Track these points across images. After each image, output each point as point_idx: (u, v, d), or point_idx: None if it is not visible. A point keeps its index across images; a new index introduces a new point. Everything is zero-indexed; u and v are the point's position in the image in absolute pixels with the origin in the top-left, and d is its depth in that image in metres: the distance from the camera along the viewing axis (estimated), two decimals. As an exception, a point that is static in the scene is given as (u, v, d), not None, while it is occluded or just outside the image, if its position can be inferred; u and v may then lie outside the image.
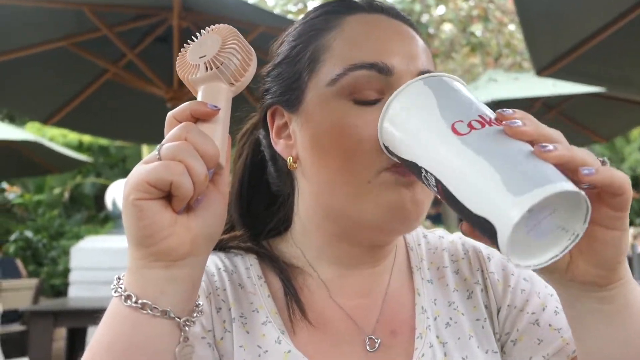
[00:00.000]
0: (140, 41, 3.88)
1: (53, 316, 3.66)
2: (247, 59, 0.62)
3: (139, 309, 0.54)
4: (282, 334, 0.72)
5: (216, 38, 0.62)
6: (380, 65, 0.68)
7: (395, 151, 0.63)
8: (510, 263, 0.54)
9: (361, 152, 0.68)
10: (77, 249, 5.17)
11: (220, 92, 0.60)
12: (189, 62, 0.62)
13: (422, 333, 0.75)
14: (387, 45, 0.71)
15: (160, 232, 0.53)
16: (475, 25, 11.42)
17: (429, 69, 0.72)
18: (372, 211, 0.69)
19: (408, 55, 0.71)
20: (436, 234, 0.88)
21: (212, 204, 0.57)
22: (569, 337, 0.75)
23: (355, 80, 0.69)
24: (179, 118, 0.58)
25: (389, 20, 0.75)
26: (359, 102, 0.69)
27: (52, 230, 9.58)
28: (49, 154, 6.50)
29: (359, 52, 0.70)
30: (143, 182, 0.52)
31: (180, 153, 0.53)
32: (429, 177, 0.58)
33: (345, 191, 0.70)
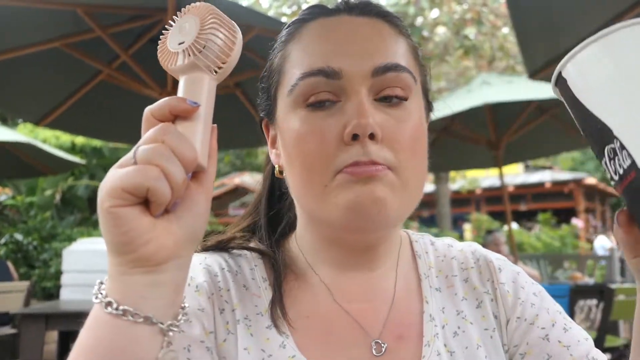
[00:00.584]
0: (134, 42, 3.86)
1: (44, 319, 3.63)
2: (230, 39, 0.58)
3: (120, 316, 0.52)
4: (287, 339, 0.71)
5: (194, 19, 0.58)
6: (327, 70, 0.69)
7: (579, 95, 0.51)
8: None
9: (317, 157, 0.69)
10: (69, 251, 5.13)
11: (202, 84, 0.57)
12: (169, 50, 0.59)
13: (429, 341, 0.74)
14: (336, 48, 0.71)
15: (138, 239, 0.51)
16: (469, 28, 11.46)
17: (392, 62, 0.70)
18: (334, 212, 0.70)
19: (360, 53, 0.70)
20: (445, 242, 0.87)
21: (194, 204, 0.55)
22: (578, 355, 0.76)
23: (307, 88, 0.70)
24: (157, 116, 0.56)
25: (349, 20, 0.74)
26: (313, 108, 0.70)
27: (44, 232, 9.51)
28: (41, 156, 6.46)
29: (309, 59, 0.71)
30: (118, 188, 0.50)
31: (156, 157, 0.51)
32: (621, 156, 0.48)
33: (309, 196, 0.72)
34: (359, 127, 0.67)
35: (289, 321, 0.73)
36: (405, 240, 0.86)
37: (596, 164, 19.75)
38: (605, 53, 0.49)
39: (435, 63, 12.22)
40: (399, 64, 0.71)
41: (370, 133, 0.67)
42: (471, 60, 12.45)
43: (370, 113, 0.68)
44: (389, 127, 0.69)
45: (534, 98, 4.87)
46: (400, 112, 0.71)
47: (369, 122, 0.67)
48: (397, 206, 0.70)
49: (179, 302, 0.57)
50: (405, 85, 0.71)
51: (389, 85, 0.70)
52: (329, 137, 0.68)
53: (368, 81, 0.70)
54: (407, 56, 0.74)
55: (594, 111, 0.49)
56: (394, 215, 0.71)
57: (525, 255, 8.83)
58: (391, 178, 0.69)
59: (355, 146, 0.68)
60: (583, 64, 0.50)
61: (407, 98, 0.71)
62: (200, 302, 0.71)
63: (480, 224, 13.97)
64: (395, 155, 0.69)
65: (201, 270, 0.75)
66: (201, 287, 0.72)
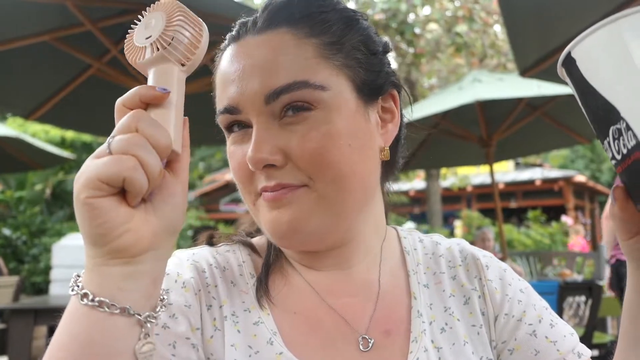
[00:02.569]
0: (124, 37, 3.83)
1: (33, 314, 3.61)
2: (197, 34, 0.59)
3: (96, 307, 0.52)
4: (274, 335, 0.72)
5: (160, 15, 0.58)
6: (229, 108, 0.73)
7: (588, 76, 0.53)
8: None
9: (239, 178, 0.74)
10: (59, 246, 5.11)
11: (171, 74, 0.57)
12: (136, 45, 0.59)
13: (417, 337, 0.75)
14: (233, 83, 0.72)
15: (115, 230, 0.51)
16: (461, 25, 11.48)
17: (283, 84, 0.69)
18: (265, 229, 0.74)
19: (253, 85, 0.70)
20: (433, 239, 0.88)
21: (170, 194, 0.55)
22: (564, 350, 0.77)
23: (222, 122, 0.75)
24: (128, 105, 0.56)
25: (249, 42, 0.73)
26: (233, 134, 0.74)
27: (33, 227, 9.46)
28: (30, 150, 6.42)
29: (220, 96, 0.75)
30: (94, 179, 0.50)
31: (132, 146, 0.51)
32: (626, 137, 0.49)
33: (251, 214, 0.77)
34: (251, 162, 0.69)
35: (270, 300, 0.75)
36: (392, 236, 0.86)
37: (586, 162, 19.88)
38: (617, 36, 0.51)
39: (427, 60, 12.23)
40: (294, 81, 0.69)
41: (265, 165, 0.69)
42: (462, 57, 12.47)
43: (264, 143, 0.69)
44: (292, 148, 0.69)
45: (525, 95, 4.90)
46: (305, 127, 0.70)
47: (259, 157, 0.69)
48: (320, 220, 0.71)
49: (157, 294, 0.57)
50: (305, 99, 0.70)
51: (286, 105, 0.70)
52: (244, 163, 0.72)
53: (263, 109, 0.70)
54: (312, 63, 0.71)
55: (602, 92, 0.51)
56: (317, 229, 0.71)
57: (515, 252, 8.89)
58: (304, 195, 0.70)
59: (260, 174, 0.71)
60: (594, 46, 0.51)
61: (311, 108, 0.70)
62: (187, 299, 0.71)
63: (470, 221, 14.02)
64: (304, 172, 0.70)
65: (188, 266, 0.75)
66: (188, 284, 0.73)
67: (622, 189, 0.56)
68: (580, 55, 0.53)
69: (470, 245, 0.88)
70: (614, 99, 0.50)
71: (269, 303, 0.75)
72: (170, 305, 0.69)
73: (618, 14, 0.51)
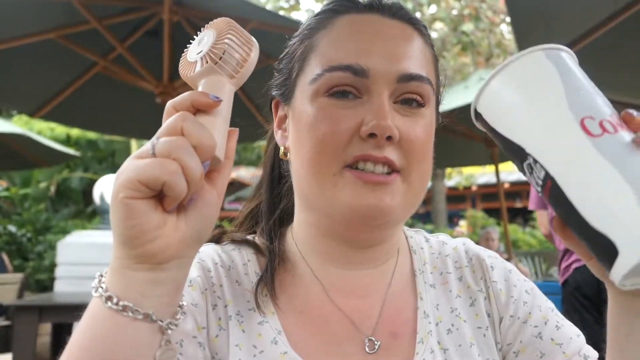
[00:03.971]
0: (130, 34, 3.84)
1: (38, 311, 3.62)
2: (247, 50, 0.60)
3: (120, 311, 0.51)
4: (279, 335, 0.71)
5: (212, 32, 0.61)
6: (355, 67, 0.70)
7: (494, 125, 0.57)
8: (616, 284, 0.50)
9: (330, 144, 0.70)
10: (63, 243, 5.12)
11: (221, 85, 0.58)
12: (188, 61, 0.61)
13: (423, 338, 0.74)
14: (367, 47, 0.72)
15: (147, 234, 0.51)
16: (467, 24, 11.45)
17: (417, 72, 0.72)
18: (338, 206, 0.71)
19: (389, 56, 0.71)
20: (439, 239, 0.88)
21: (205, 204, 0.54)
22: (570, 352, 0.77)
23: (332, 81, 0.71)
24: (179, 108, 0.55)
25: (381, 20, 0.75)
26: (334, 97, 0.71)
27: (38, 224, 9.49)
28: (36, 148, 6.44)
29: (338, 54, 0.72)
30: (134, 180, 0.50)
31: (176, 150, 0.50)
32: (536, 169, 0.53)
33: (314, 182, 0.72)
34: (378, 127, 0.68)
35: (275, 301, 0.74)
36: (401, 236, 0.86)
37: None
38: (505, 83, 0.56)
39: (433, 59, 12.19)
40: (423, 75, 0.72)
41: (388, 135, 0.68)
42: (468, 56, 12.44)
43: (390, 115, 0.69)
44: (405, 130, 0.71)
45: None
46: (417, 118, 0.72)
47: (388, 125, 0.68)
48: (401, 210, 0.71)
49: (178, 301, 0.57)
50: (424, 94, 0.73)
51: (410, 92, 0.72)
52: (345, 127, 0.69)
53: (392, 85, 0.71)
54: (430, 67, 0.76)
55: (507, 135, 0.55)
56: (396, 219, 0.73)
57: (520, 253, 8.86)
58: (398, 184, 0.70)
59: (369, 143, 0.69)
60: (490, 97, 0.57)
61: (424, 105, 0.73)
62: (193, 297, 0.71)
63: (475, 221, 13.99)
64: (406, 157, 0.71)
65: (195, 265, 0.75)
66: (195, 282, 0.72)
67: (557, 219, 0.55)
68: (483, 108, 0.58)
69: (476, 245, 0.87)
70: (517, 139, 0.54)
71: (274, 302, 0.74)
72: (185, 306, 0.69)
73: (506, 60, 0.57)
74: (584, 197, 0.49)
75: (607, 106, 0.53)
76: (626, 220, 0.46)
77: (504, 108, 0.56)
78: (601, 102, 0.53)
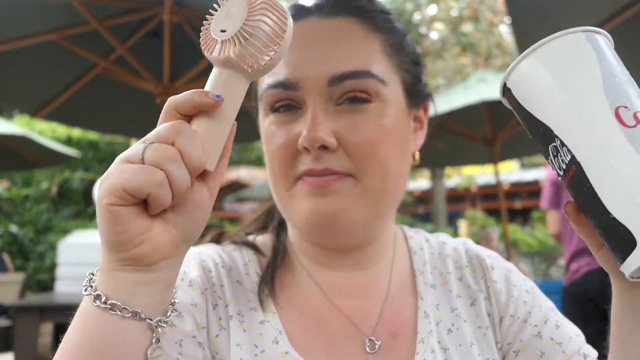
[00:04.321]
0: (130, 35, 3.84)
1: (39, 311, 3.63)
2: (278, 33, 0.52)
3: (108, 310, 0.52)
4: (280, 334, 0.72)
5: (242, 5, 0.53)
6: (284, 82, 0.71)
7: (523, 102, 0.56)
8: (626, 275, 0.50)
9: (279, 161, 0.71)
10: (64, 244, 5.12)
11: (235, 82, 0.54)
12: (211, 35, 0.54)
13: (424, 338, 0.75)
14: (298, 57, 0.71)
15: (133, 240, 0.51)
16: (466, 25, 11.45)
17: (350, 70, 0.70)
18: (298, 218, 0.72)
19: (318, 61, 0.70)
20: (439, 239, 0.88)
21: (195, 205, 0.53)
22: (570, 351, 0.76)
23: (271, 98, 0.72)
24: (180, 110, 0.53)
25: (317, 23, 0.73)
26: (278, 113, 0.72)
27: (39, 224, 9.49)
28: (37, 148, 6.43)
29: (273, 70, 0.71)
30: (119, 187, 0.49)
31: (165, 160, 0.49)
32: (562, 153, 0.52)
33: (278, 198, 0.74)
34: (307, 140, 0.68)
35: (276, 300, 0.74)
36: (400, 236, 0.86)
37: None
38: (542, 61, 0.55)
39: (432, 60, 12.20)
40: (359, 70, 0.70)
41: (320, 145, 0.68)
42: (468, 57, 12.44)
43: (322, 124, 0.68)
44: (347, 134, 0.69)
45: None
46: (362, 116, 0.70)
47: (317, 136, 0.67)
48: (361, 214, 0.71)
49: (169, 299, 0.57)
50: (367, 90, 0.70)
51: (348, 92, 0.70)
52: (289, 143, 0.70)
53: (324, 90, 0.70)
54: (377, 57, 0.72)
55: (535, 114, 0.55)
56: (356, 223, 0.71)
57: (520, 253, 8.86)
58: (349, 186, 0.69)
59: (308, 155, 0.69)
60: (524, 73, 0.56)
61: (371, 100, 0.71)
62: (193, 297, 0.71)
63: (475, 221, 13.98)
64: (353, 161, 0.69)
65: (195, 265, 0.75)
66: (195, 282, 0.72)
67: (573, 203, 0.55)
68: (513, 84, 0.57)
69: (476, 245, 0.88)
70: (547, 120, 0.54)
71: (274, 302, 0.74)
72: (177, 304, 0.69)
73: (542, 39, 0.55)
74: (608, 186, 0.49)
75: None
76: None
77: (537, 87, 0.54)
78: (635, 92, 0.52)
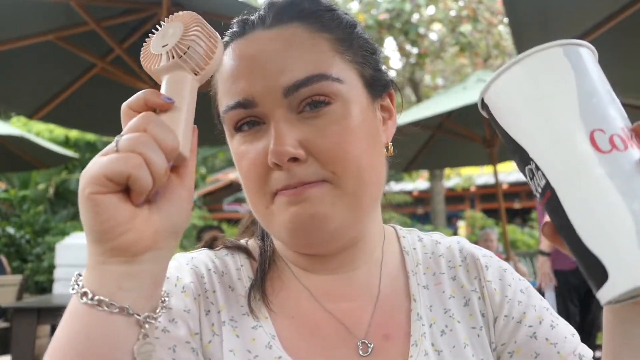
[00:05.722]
0: (128, 36, 3.84)
1: (37, 313, 3.62)
2: (212, 46, 0.60)
3: (95, 306, 0.52)
4: (273, 339, 0.71)
5: (178, 25, 0.60)
6: (242, 102, 0.70)
7: (499, 120, 0.54)
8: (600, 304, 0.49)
9: (252, 180, 0.71)
10: (62, 245, 5.12)
11: (184, 82, 0.58)
12: (152, 53, 0.61)
13: (417, 340, 0.74)
14: (247, 75, 0.70)
15: (118, 227, 0.51)
16: (465, 25, 11.46)
17: (302, 77, 0.69)
18: (280, 232, 0.71)
19: (267, 76, 0.69)
20: (433, 238, 0.87)
21: (175, 196, 0.55)
22: (565, 352, 0.76)
23: (232, 119, 0.72)
24: (134, 108, 0.56)
25: (260, 36, 0.72)
26: (243, 132, 0.72)
27: (37, 226, 9.48)
28: (34, 149, 6.43)
29: (228, 91, 0.72)
30: (99, 175, 0.50)
31: (139, 145, 0.51)
32: (538, 176, 0.50)
33: (258, 216, 0.74)
34: (274, 155, 0.67)
35: (268, 305, 0.74)
36: (392, 236, 0.85)
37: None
38: (517, 79, 0.52)
39: (431, 60, 12.22)
40: (312, 74, 0.69)
41: (289, 158, 0.67)
42: (467, 57, 12.45)
43: (287, 136, 0.67)
44: (313, 141, 0.68)
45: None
46: (325, 120, 0.69)
47: (284, 150, 0.67)
48: (342, 215, 0.70)
49: (158, 295, 0.56)
50: (324, 92, 0.69)
51: (305, 99, 0.69)
52: (259, 162, 0.70)
53: (282, 102, 0.69)
54: (328, 57, 0.71)
55: (511, 134, 0.52)
56: (339, 225, 0.70)
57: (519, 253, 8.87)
58: (326, 191, 0.69)
59: (281, 170, 0.68)
60: (500, 91, 0.53)
61: (330, 102, 0.70)
62: (186, 303, 0.71)
63: (474, 222, 13.99)
64: (325, 167, 0.68)
65: (188, 271, 0.75)
66: (188, 288, 0.72)
67: (550, 225, 0.53)
68: (490, 100, 0.54)
69: (470, 243, 0.87)
70: (522, 141, 0.51)
71: (267, 307, 0.74)
72: (170, 310, 0.69)
73: (520, 55, 0.52)
74: (582, 215, 0.47)
75: (620, 116, 0.50)
76: (621, 247, 0.45)
77: (513, 106, 0.52)
78: (614, 111, 0.50)
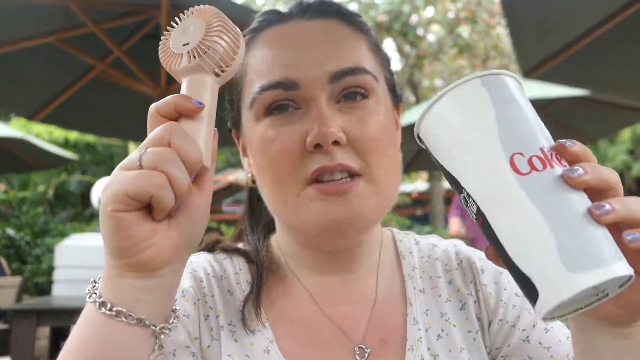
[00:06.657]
0: (128, 38, 3.84)
1: (36, 315, 3.61)
2: (234, 46, 0.57)
3: (113, 317, 0.52)
4: (271, 344, 0.71)
5: (199, 23, 0.57)
6: (284, 82, 0.70)
7: (433, 152, 0.56)
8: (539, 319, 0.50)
9: (283, 165, 0.69)
10: (62, 247, 5.11)
11: (205, 85, 0.56)
12: (172, 50, 0.58)
13: (413, 345, 0.74)
14: (293, 57, 0.71)
15: (138, 245, 0.51)
16: (463, 27, 11.48)
17: (348, 66, 0.70)
18: (308, 222, 0.70)
19: (315, 60, 0.70)
20: (429, 241, 0.87)
21: (194, 209, 0.54)
22: (558, 356, 0.75)
23: (267, 100, 0.71)
24: (162, 113, 0.55)
25: (303, 25, 0.74)
26: (275, 116, 0.71)
27: (36, 227, 9.47)
28: (34, 151, 6.43)
29: (267, 72, 0.71)
30: (122, 193, 0.50)
31: (163, 162, 0.50)
32: (470, 203, 0.52)
33: (282, 204, 0.72)
34: (320, 136, 0.67)
35: (267, 310, 0.74)
36: (388, 240, 0.85)
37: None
38: (442, 113, 0.54)
39: (429, 61, 12.22)
40: (356, 66, 0.71)
41: (333, 140, 0.67)
42: (465, 59, 12.46)
43: (331, 120, 0.68)
44: (353, 129, 0.69)
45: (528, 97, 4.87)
46: (363, 112, 0.71)
47: (330, 131, 0.67)
48: (372, 211, 0.70)
49: (171, 305, 0.57)
50: (365, 86, 0.71)
51: (348, 88, 0.70)
52: (293, 145, 0.69)
53: (326, 87, 0.70)
54: (367, 55, 0.74)
55: (444, 165, 0.54)
56: (369, 221, 0.72)
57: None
58: (362, 187, 0.69)
59: (319, 153, 0.68)
60: (429, 125, 0.55)
61: (368, 96, 0.72)
62: (186, 308, 0.71)
63: (473, 222, 13.97)
64: (362, 156, 0.69)
65: (187, 275, 0.75)
66: (187, 293, 0.73)
67: (491, 248, 0.54)
68: (424, 133, 0.56)
69: (467, 247, 0.87)
70: (454, 171, 0.53)
71: (265, 312, 0.74)
72: (178, 311, 0.69)
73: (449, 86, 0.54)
74: (510, 237, 0.49)
75: (543, 137, 0.52)
76: (546, 265, 0.47)
77: (440, 138, 0.54)
78: (536, 133, 0.52)
